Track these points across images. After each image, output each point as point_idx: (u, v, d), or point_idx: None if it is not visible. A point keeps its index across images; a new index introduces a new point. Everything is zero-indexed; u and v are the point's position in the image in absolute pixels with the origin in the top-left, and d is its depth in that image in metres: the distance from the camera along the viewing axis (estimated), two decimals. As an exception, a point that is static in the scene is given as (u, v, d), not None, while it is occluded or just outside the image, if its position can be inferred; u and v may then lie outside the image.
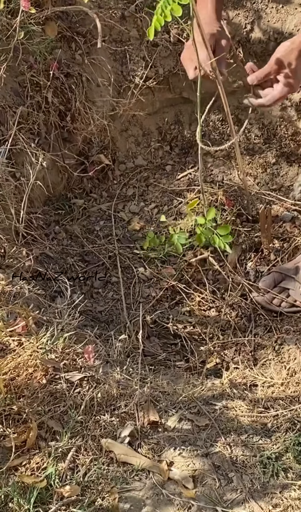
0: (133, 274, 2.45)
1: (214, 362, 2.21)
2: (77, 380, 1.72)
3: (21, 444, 1.57)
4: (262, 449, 1.64)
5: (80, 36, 2.56)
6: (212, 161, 2.78)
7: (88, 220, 2.63)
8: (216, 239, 1.97)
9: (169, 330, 2.29)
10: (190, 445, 1.64)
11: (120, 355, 1.97)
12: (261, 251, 2.51)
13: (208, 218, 1.99)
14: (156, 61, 2.65)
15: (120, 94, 2.68)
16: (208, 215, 1.99)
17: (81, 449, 1.58)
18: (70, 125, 2.57)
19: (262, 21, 2.64)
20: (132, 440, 1.62)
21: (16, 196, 2.28)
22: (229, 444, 1.65)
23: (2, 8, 2.33)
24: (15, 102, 2.40)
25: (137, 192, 2.72)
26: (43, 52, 2.44)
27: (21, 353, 1.72)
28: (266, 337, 2.27)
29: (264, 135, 2.76)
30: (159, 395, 1.78)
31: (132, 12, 2.65)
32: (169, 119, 2.84)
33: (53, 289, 2.24)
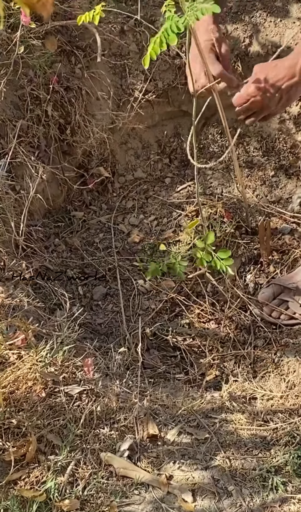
0: (133, 286, 2.46)
1: (213, 375, 2.21)
2: (76, 394, 1.72)
3: (21, 458, 1.57)
4: (262, 463, 1.64)
5: (80, 50, 2.58)
6: (211, 174, 2.79)
7: (88, 232, 2.64)
8: (217, 262, 1.98)
9: (168, 343, 2.29)
10: (190, 458, 1.64)
11: (119, 367, 1.97)
12: (260, 263, 2.52)
13: (208, 242, 2.00)
14: (155, 75, 2.67)
15: (120, 108, 2.70)
16: (207, 240, 2.00)
17: (81, 462, 1.58)
18: (70, 138, 2.58)
19: (260, 35, 2.66)
20: (131, 454, 1.62)
21: (16, 209, 2.29)
22: (228, 458, 1.65)
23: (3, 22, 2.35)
24: (15, 115, 2.41)
25: (136, 204, 2.73)
26: (43, 66, 2.45)
27: (21, 366, 1.73)
28: (265, 349, 2.27)
29: (262, 148, 2.77)
30: (158, 408, 1.78)
31: (131, 27, 2.67)
32: (168, 132, 2.85)
33: (53, 301, 2.24)
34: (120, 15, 2.67)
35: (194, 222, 2.18)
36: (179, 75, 2.69)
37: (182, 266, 2.05)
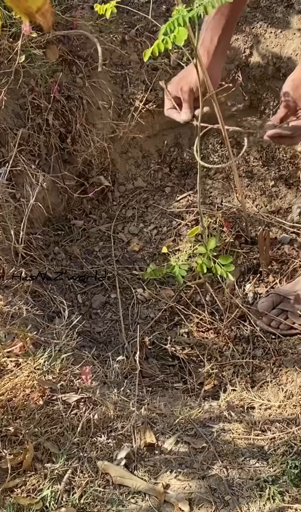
0: (132, 295, 2.46)
1: (211, 384, 2.21)
2: (74, 402, 1.72)
3: (17, 465, 1.57)
4: (259, 472, 1.63)
5: (81, 60, 2.59)
6: (211, 183, 2.80)
7: (87, 241, 2.64)
8: (218, 268, 1.98)
9: (167, 352, 2.29)
10: (187, 467, 1.63)
11: (117, 376, 1.97)
12: (259, 273, 2.52)
13: (209, 248, 2.00)
14: (155, 85, 2.68)
15: (121, 117, 2.71)
16: (209, 245, 2.00)
17: (77, 471, 1.58)
18: (71, 147, 2.59)
19: (261, 45, 2.67)
20: (128, 462, 1.62)
21: (16, 217, 2.29)
22: (225, 467, 1.64)
23: (4, 32, 2.37)
24: (16, 124, 2.42)
25: (136, 213, 2.74)
26: (44, 75, 2.47)
27: (18, 374, 1.73)
28: (264, 359, 2.27)
29: (263, 158, 2.78)
30: (156, 417, 1.78)
31: (132, 37, 2.68)
32: (168, 141, 2.86)
33: (52, 309, 2.24)
34: (121, 25, 2.69)
35: (195, 229, 2.18)
36: (180, 85, 2.70)
37: (182, 270, 2.04)
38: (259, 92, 2.74)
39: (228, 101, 2.75)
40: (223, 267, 1.96)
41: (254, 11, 2.73)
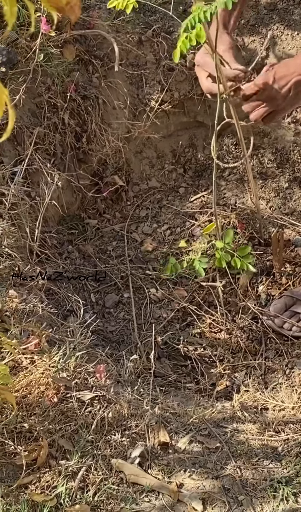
0: (145, 295, 2.46)
1: (224, 385, 2.21)
2: (88, 399, 1.72)
3: (32, 462, 1.57)
4: (272, 473, 1.63)
5: (98, 60, 2.60)
6: (225, 185, 2.80)
7: (101, 240, 2.65)
8: (237, 261, 1.98)
9: (179, 352, 2.29)
10: (200, 467, 1.63)
11: (131, 375, 1.97)
12: (272, 274, 2.52)
13: (226, 241, 2.00)
14: (171, 85, 2.69)
15: (136, 117, 2.71)
16: (226, 238, 2.00)
17: (92, 468, 1.58)
18: (86, 146, 2.60)
19: (277, 47, 2.67)
20: (142, 461, 1.62)
21: (31, 215, 2.30)
22: (239, 467, 1.64)
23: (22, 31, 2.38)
24: (32, 123, 2.43)
25: (150, 213, 2.74)
26: (61, 74, 2.47)
27: (33, 371, 1.73)
28: (276, 360, 2.27)
29: (277, 160, 2.78)
30: (170, 416, 1.78)
31: (149, 37, 2.69)
32: (183, 142, 2.86)
33: (66, 308, 2.25)
34: (138, 25, 2.69)
35: (210, 225, 2.18)
36: (195, 86, 2.71)
37: (202, 262, 2.04)
38: (275, 94, 2.73)
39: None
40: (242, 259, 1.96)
41: (270, 13, 2.73)
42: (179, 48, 1.49)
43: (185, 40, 1.47)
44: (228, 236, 2.01)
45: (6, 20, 0.75)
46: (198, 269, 2.07)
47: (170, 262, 2.15)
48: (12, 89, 2.32)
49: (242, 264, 1.96)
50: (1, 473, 1.56)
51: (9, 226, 2.12)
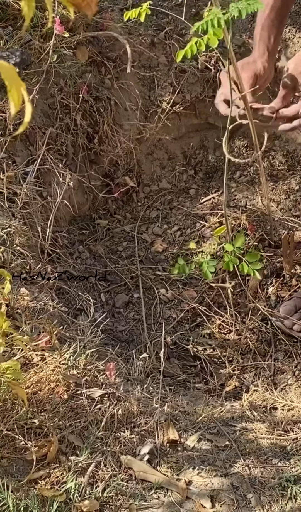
0: (155, 295, 2.47)
1: (233, 386, 2.21)
2: (98, 397, 1.73)
3: (42, 457, 1.58)
4: (281, 472, 1.63)
5: (110, 61, 2.62)
6: (235, 186, 2.81)
7: (111, 240, 2.66)
8: (245, 266, 1.99)
9: (188, 352, 2.30)
10: (209, 465, 1.64)
11: (140, 374, 1.98)
12: (282, 276, 2.52)
13: (236, 245, 2.00)
14: (183, 87, 2.70)
15: (147, 118, 2.73)
16: (237, 242, 2.01)
17: (101, 464, 1.59)
18: (97, 147, 2.61)
19: (289, 50, 2.68)
20: (151, 458, 1.62)
21: (43, 214, 2.32)
22: (248, 466, 1.65)
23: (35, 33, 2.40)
24: (44, 123, 2.45)
25: (160, 214, 2.76)
26: (73, 75, 2.49)
27: (44, 368, 1.74)
28: (286, 362, 2.27)
29: (288, 162, 2.79)
30: (179, 414, 1.78)
31: (161, 39, 2.71)
32: (194, 144, 2.87)
33: (76, 306, 2.26)
34: (150, 27, 2.71)
35: (221, 228, 2.19)
36: (207, 88, 2.72)
37: (210, 265, 2.05)
38: (286, 97, 2.74)
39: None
40: (250, 264, 1.96)
41: (282, 16, 2.74)
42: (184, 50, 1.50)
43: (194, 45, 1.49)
44: (239, 240, 2.02)
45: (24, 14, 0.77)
46: (205, 272, 2.08)
47: (178, 263, 2.16)
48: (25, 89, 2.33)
49: (249, 270, 1.97)
50: (11, 468, 1.57)
51: (21, 225, 2.14)
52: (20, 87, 0.69)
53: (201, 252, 2.56)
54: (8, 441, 1.60)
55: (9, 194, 2.21)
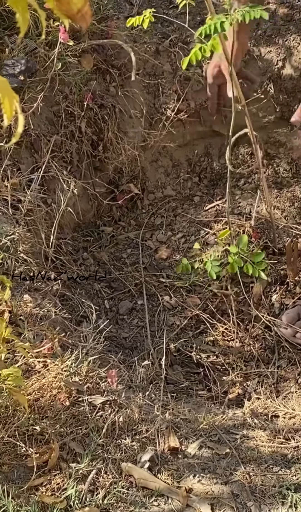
0: (159, 302, 2.48)
1: (236, 393, 2.21)
2: (99, 404, 1.74)
3: (43, 464, 1.59)
4: (282, 480, 1.63)
5: (115, 69, 2.63)
6: (240, 194, 2.81)
7: (116, 247, 2.67)
8: (250, 267, 1.99)
9: (192, 359, 2.30)
10: (210, 472, 1.64)
11: (143, 381, 1.99)
12: (286, 284, 2.52)
13: (241, 246, 2.01)
14: (187, 95, 2.71)
15: (152, 126, 2.74)
16: (240, 243, 2.01)
17: (102, 471, 1.59)
18: (102, 154, 2.62)
19: (293, 58, 2.69)
20: (152, 465, 1.63)
21: (47, 221, 2.33)
22: (248, 474, 1.65)
23: (41, 40, 2.42)
24: (49, 131, 2.47)
25: (165, 221, 2.76)
26: (78, 83, 2.51)
27: (46, 375, 1.75)
28: (289, 369, 2.27)
29: (292, 169, 2.79)
30: (180, 422, 1.79)
31: (166, 47, 2.72)
32: (198, 151, 2.88)
33: (79, 313, 2.27)
34: (155, 35, 2.73)
35: (225, 231, 2.19)
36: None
37: (215, 265, 2.05)
38: (291, 104, 2.75)
39: (260, 112, 2.77)
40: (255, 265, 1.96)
41: (287, 24, 2.75)
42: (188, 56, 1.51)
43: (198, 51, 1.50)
44: (242, 242, 2.02)
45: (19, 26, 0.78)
46: (210, 271, 2.08)
47: (182, 263, 2.17)
48: (30, 97, 2.35)
49: (255, 271, 1.97)
50: (12, 474, 1.57)
51: (25, 232, 2.15)
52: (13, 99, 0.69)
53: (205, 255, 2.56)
54: (9, 447, 1.60)
55: (13, 201, 2.22)
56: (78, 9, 0.80)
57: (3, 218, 2.15)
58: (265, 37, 2.74)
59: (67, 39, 2.27)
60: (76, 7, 0.80)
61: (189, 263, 2.16)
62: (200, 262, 2.20)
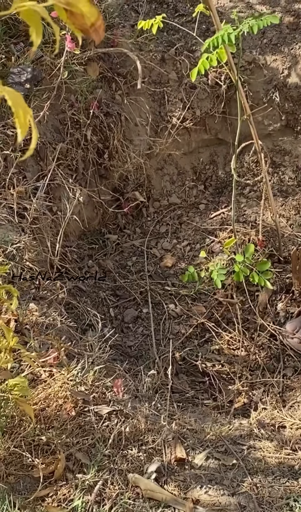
0: (164, 310, 2.47)
1: (242, 402, 2.20)
2: (106, 414, 1.73)
3: (49, 475, 1.58)
4: (289, 491, 1.62)
5: (121, 77, 2.63)
6: (245, 202, 2.81)
7: (121, 255, 2.67)
8: (255, 276, 1.98)
9: (197, 368, 2.29)
10: (217, 484, 1.63)
11: (149, 390, 1.98)
12: (291, 292, 2.51)
13: (247, 255, 2.00)
14: (193, 103, 2.71)
15: (157, 134, 2.74)
16: (247, 252, 2.01)
17: (108, 482, 1.59)
18: (108, 162, 2.62)
19: (299, 66, 2.69)
20: (159, 476, 1.62)
21: (52, 229, 2.33)
22: (255, 485, 1.64)
23: (47, 49, 2.42)
24: (55, 138, 2.46)
25: (170, 229, 2.76)
26: (84, 91, 2.51)
27: (52, 384, 1.74)
28: (295, 378, 2.26)
29: (298, 178, 2.79)
30: (187, 432, 1.78)
31: (172, 55, 2.72)
32: (204, 159, 2.88)
33: (85, 322, 2.26)
34: (161, 44, 2.73)
35: (231, 240, 2.19)
36: (217, 104, 2.73)
37: (221, 274, 2.05)
38: (296, 112, 2.75)
39: (265, 120, 2.76)
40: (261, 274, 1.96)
41: (293, 32, 2.75)
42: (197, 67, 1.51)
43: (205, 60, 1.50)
44: (248, 251, 2.02)
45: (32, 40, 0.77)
46: (215, 280, 2.08)
47: (188, 271, 2.16)
48: (36, 105, 2.35)
49: (260, 280, 1.97)
50: (18, 485, 1.57)
51: (30, 240, 2.15)
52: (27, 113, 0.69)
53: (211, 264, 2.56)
54: (16, 458, 1.60)
55: (19, 209, 2.22)
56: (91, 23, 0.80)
57: (9, 226, 2.15)
58: (270, 46, 2.74)
59: (73, 48, 2.27)
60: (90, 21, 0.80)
61: (195, 272, 2.15)
62: (206, 271, 2.19)
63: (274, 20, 1.60)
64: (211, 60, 1.54)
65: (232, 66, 1.83)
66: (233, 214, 2.13)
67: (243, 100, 1.99)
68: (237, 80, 1.84)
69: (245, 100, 2.02)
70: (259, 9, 2.77)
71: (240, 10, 2.74)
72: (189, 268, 2.21)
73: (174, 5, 2.86)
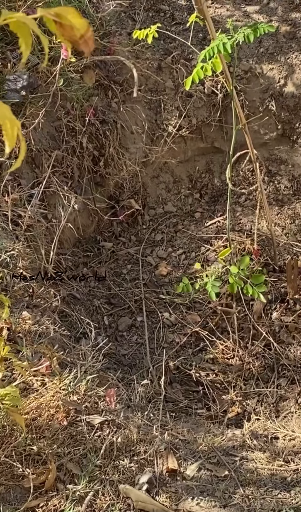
0: (158, 319, 2.46)
1: (235, 412, 2.19)
2: (98, 424, 1.72)
3: (40, 485, 1.57)
4: (281, 503, 1.61)
5: (117, 85, 2.63)
6: (240, 210, 2.81)
7: (116, 263, 2.66)
8: (250, 288, 1.98)
9: (191, 377, 2.28)
10: (208, 495, 1.62)
11: (142, 400, 1.97)
12: (286, 301, 2.51)
13: (241, 267, 2.00)
14: (189, 111, 2.71)
15: (153, 142, 2.74)
16: (241, 264, 2.00)
17: (99, 493, 1.57)
18: (103, 170, 2.62)
19: (295, 75, 2.69)
20: (150, 487, 1.61)
21: (47, 237, 2.32)
22: (247, 497, 1.63)
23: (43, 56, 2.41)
24: (50, 146, 2.46)
25: (165, 237, 2.75)
26: (80, 99, 2.51)
27: (44, 394, 1.73)
28: (288, 388, 2.25)
29: (293, 187, 2.79)
30: (179, 443, 1.77)
31: (168, 63, 2.72)
32: (200, 167, 2.88)
33: (79, 330, 2.26)
34: (157, 52, 2.73)
35: (226, 250, 2.18)
36: (213, 113, 2.73)
37: (215, 286, 2.04)
38: (292, 122, 2.75)
39: (261, 129, 2.76)
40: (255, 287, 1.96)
41: (289, 41, 2.75)
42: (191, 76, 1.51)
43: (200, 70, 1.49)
44: (244, 263, 2.02)
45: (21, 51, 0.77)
46: (210, 292, 2.07)
47: (183, 282, 2.15)
48: (31, 112, 2.35)
49: (254, 292, 1.96)
50: (8, 495, 1.55)
51: (24, 247, 2.14)
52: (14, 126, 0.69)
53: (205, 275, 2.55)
54: (6, 468, 1.58)
55: (13, 216, 2.21)
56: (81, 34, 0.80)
57: (3, 233, 2.14)
58: (267, 55, 2.74)
59: (69, 56, 2.27)
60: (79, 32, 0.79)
61: (189, 283, 2.15)
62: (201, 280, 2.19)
63: (270, 29, 1.60)
64: (205, 70, 1.54)
65: (227, 76, 1.83)
66: (228, 222, 2.13)
67: (238, 109, 1.99)
68: (232, 90, 1.84)
69: (240, 109, 2.02)
70: (256, 18, 2.77)
71: (237, 19, 2.74)
72: (183, 279, 2.21)
73: (171, 13, 2.86)
